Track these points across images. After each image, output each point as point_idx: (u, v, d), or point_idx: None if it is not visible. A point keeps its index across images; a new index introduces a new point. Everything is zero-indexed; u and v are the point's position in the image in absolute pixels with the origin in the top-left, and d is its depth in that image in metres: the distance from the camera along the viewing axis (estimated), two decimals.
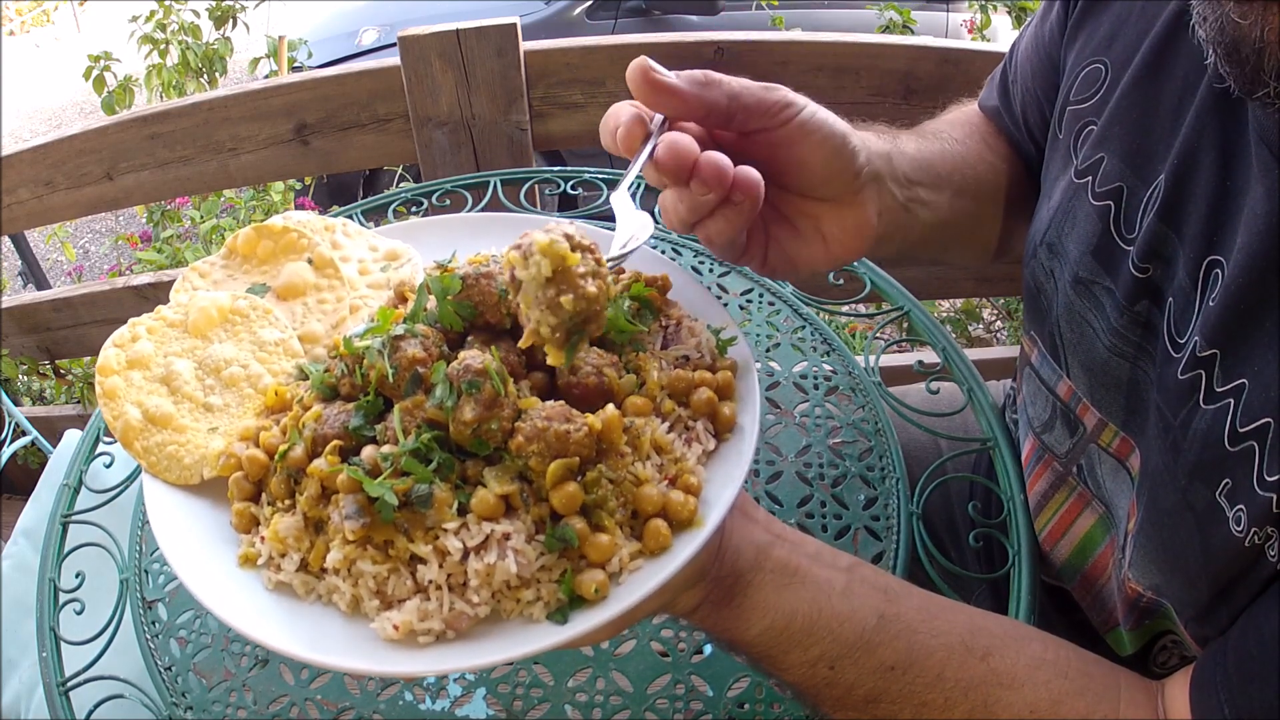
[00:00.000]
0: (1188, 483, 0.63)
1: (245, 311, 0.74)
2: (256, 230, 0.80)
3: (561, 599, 0.53)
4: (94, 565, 0.93)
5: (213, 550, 0.60)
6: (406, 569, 0.54)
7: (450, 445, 0.55)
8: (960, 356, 1.02)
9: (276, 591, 0.57)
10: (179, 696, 0.81)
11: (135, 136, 1.83)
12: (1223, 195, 0.63)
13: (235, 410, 0.69)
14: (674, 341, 0.65)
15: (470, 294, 0.59)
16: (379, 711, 0.78)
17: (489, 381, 0.54)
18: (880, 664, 0.63)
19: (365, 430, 0.57)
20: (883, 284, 1.10)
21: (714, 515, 0.56)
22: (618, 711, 0.76)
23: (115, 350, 0.71)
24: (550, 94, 1.72)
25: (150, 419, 0.67)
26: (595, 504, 0.54)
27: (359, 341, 0.60)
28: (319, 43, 3.74)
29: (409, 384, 0.56)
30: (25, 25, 9.74)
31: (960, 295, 2.77)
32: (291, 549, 0.57)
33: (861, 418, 0.96)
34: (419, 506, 0.53)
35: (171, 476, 0.65)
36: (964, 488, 1.02)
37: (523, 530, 0.53)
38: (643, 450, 0.57)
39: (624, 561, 0.54)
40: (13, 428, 2.26)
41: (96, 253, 5.16)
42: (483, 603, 0.53)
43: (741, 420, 0.61)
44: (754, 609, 0.62)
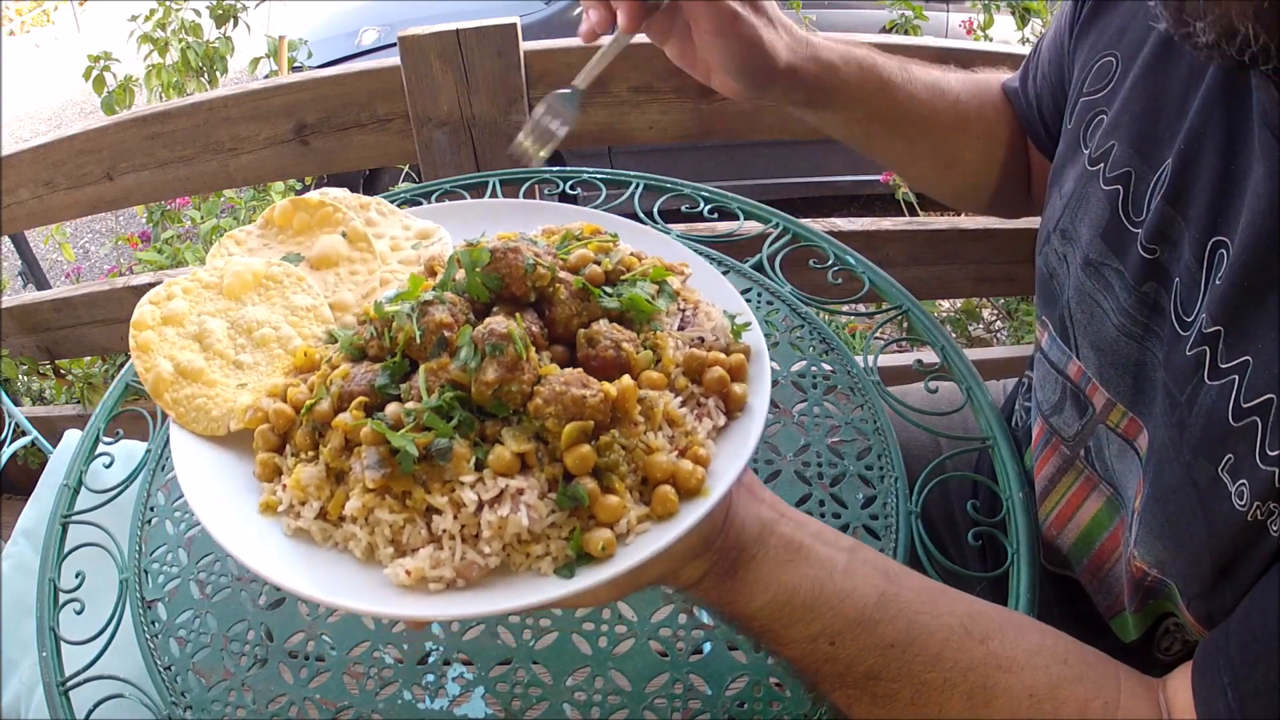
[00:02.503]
0: (1192, 458, 0.64)
1: (279, 277, 0.77)
2: (293, 203, 0.83)
3: (569, 555, 0.56)
4: (94, 565, 0.93)
5: (235, 498, 0.62)
6: (422, 519, 0.56)
7: (471, 405, 0.58)
8: (959, 356, 1.02)
9: (294, 538, 0.59)
10: (178, 696, 0.81)
11: (135, 136, 1.83)
12: (1227, 178, 0.65)
13: (264, 369, 0.71)
14: (691, 324, 0.68)
15: (498, 267, 0.62)
16: (378, 711, 0.78)
17: (512, 345, 0.57)
18: (880, 641, 0.63)
19: (390, 389, 0.60)
20: (881, 283, 1.10)
21: (720, 486, 0.58)
22: (616, 710, 0.76)
23: (150, 307, 0.74)
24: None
25: (181, 372, 0.70)
26: (607, 467, 0.57)
27: (389, 306, 0.63)
28: (319, 43, 3.74)
29: (435, 346, 0.59)
30: (25, 25, 9.73)
31: (960, 295, 2.77)
32: (312, 497, 0.59)
33: (860, 417, 0.96)
34: (438, 460, 0.55)
35: (199, 428, 0.68)
36: (964, 486, 1.02)
37: (536, 487, 0.56)
38: (655, 421, 0.60)
39: (631, 524, 0.57)
40: (13, 428, 2.26)
41: (96, 253, 5.16)
42: (493, 554, 0.55)
43: (752, 401, 0.64)
44: (757, 582, 0.63)
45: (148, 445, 1.03)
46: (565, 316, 0.63)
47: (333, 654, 0.82)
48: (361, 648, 0.82)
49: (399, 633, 0.83)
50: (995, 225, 2.03)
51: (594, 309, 0.64)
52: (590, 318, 0.64)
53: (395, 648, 0.82)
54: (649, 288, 0.66)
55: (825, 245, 1.15)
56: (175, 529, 0.94)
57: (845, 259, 1.13)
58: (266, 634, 0.84)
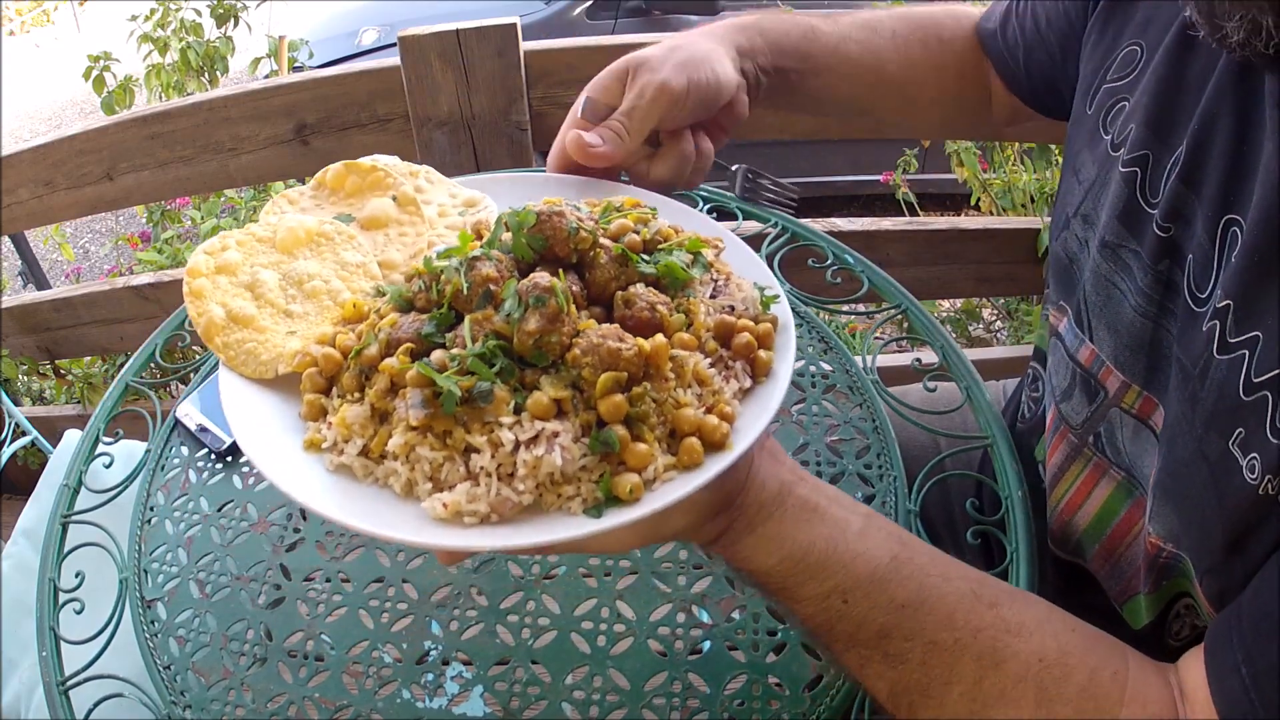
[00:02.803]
0: (1203, 432, 0.65)
1: (330, 234, 0.80)
2: (346, 166, 0.86)
3: (598, 497, 0.59)
4: (93, 565, 0.94)
5: (280, 435, 0.65)
6: (460, 458, 0.59)
7: (512, 354, 0.61)
8: (958, 355, 1.02)
9: (336, 473, 0.63)
10: (178, 695, 0.81)
11: (135, 136, 1.83)
12: (1239, 157, 0.67)
13: (314, 318, 0.74)
14: (722, 293, 0.71)
15: (543, 228, 0.65)
16: (376, 710, 0.78)
17: (554, 298, 0.60)
18: (892, 600, 0.64)
19: (436, 337, 0.63)
20: (880, 283, 1.10)
21: (743, 441, 0.61)
22: (615, 709, 0.76)
23: (205, 257, 0.77)
24: (550, 94, 1.72)
25: (233, 318, 0.73)
26: (638, 417, 0.60)
27: (437, 261, 0.67)
28: (319, 43, 3.74)
29: (480, 299, 0.63)
30: (25, 25, 9.74)
31: (960, 295, 2.77)
32: (356, 435, 0.62)
33: (859, 416, 0.96)
34: (480, 402, 0.58)
35: (247, 371, 0.71)
36: (963, 485, 1.02)
37: (570, 431, 0.59)
38: (685, 378, 0.63)
39: (658, 471, 0.60)
40: (13, 428, 2.26)
41: (96, 253, 5.16)
42: (527, 491, 0.58)
43: (777, 367, 0.67)
44: (773, 539, 0.65)
45: (147, 445, 1.03)
46: (604, 279, 0.66)
47: (332, 653, 0.82)
48: (360, 647, 0.82)
49: (398, 632, 0.83)
50: (995, 225, 2.03)
51: (631, 274, 0.67)
52: (628, 282, 0.67)
53: (394, 647, 0.82)
54: (685, 257, 0.69)
55: (824, 245, 1.15)
56: (175, 529, 0.94)
57: (844, 258, 1.13)
58: (266, 633, 0.84)
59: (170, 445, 1.03)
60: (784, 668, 0.79)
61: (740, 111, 0.95)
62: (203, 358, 1.12)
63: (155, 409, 1.06)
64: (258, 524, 0.93)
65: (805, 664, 0.79)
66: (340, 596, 0.86)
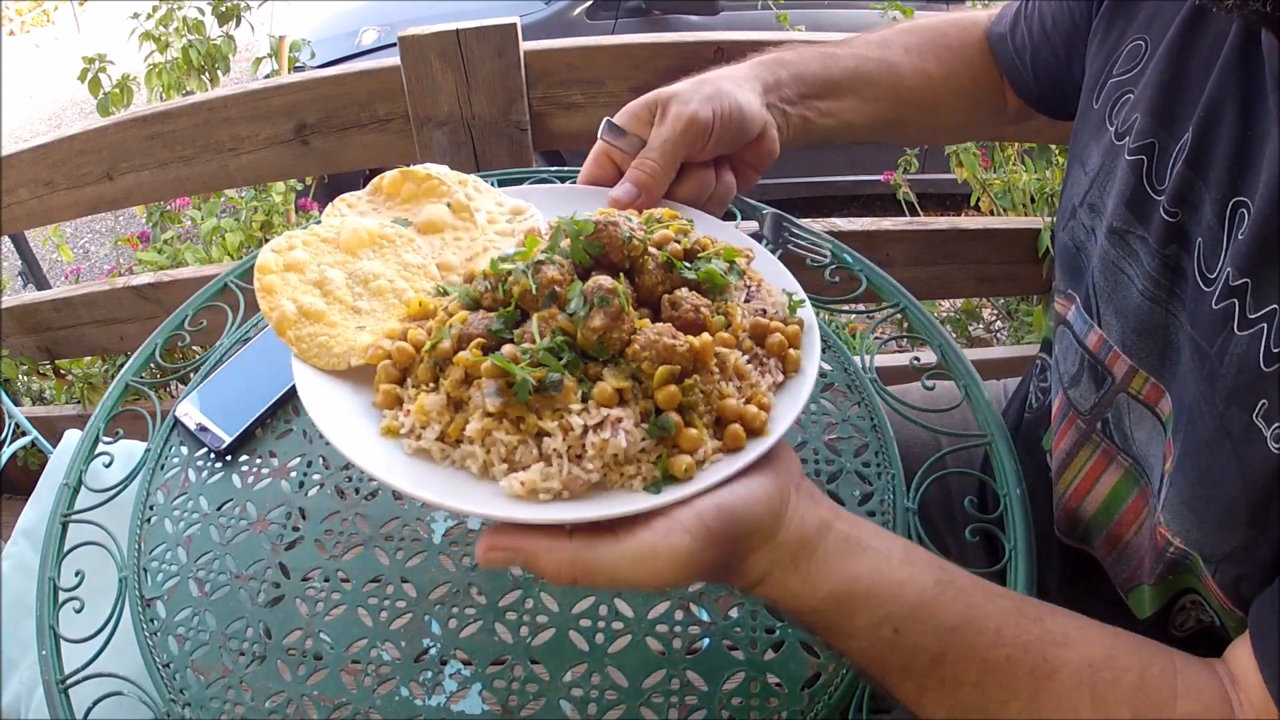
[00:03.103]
0: (1225, 408, 0.67)
1: (392, 237, 0.85)
2: (402, 173, 0.91)
3: (656, 475, 0.65)
4: (93, 564, 0.94)
5: (357, 422, 0.71)
6: (533, 441, 0.65)
7: (576, 349, 0.68)
8: (956, 354, 1.02)
9: (414, 456, 0.68)
10: (177, 693, 0.82)
11: (135, 136, 1.83)
12: (1244, 142, 0.70)
13: (381, 315, 0.79)
14: (755, 299, 0.79)
15: (599, 236, 0.72)
16: (375, 708, 0.78)
17: (616, 298, 0.67)
18: (941, 624, 0.65)
19: (504, 333, 0.69)
20: (879, 282, 1.10)
21: (779, 427, 0.68)
22: (613, 707, 0.77)
23: (274, 255, 0.81)
24: (550, 94, 1.72)
25: (304, 313, 0.77)
26: (689, 405, 0.67)
27: (504, 263, 0.73)
28: (319, 43, 3.74)
29: (546, 299, 0.69)
30: (25, 25, 9.74)
31: (960, 295, 2.77)
32: (434, 421, 0.68)
33: (858, 414, 0.96)
34: (551, 390, 0.65)
35: (320, 363, 0.75)
36: (963, 484, 1.03)
37: (632, 417, 0.66)
38: (727, 372, 0.70)
39: (708, 453, 0.66)
40: (13, 428, 2.27)
41: (96, 253, 5.16)
42: (594, 470, 0.64)
43: (805, 364, 0.74)
44: (819, 574, 0.65)
45: (147, 445, 1.03)
46: (652, 284, 0.73)
47: (331, 651, 0.82)
48: (359, 645, 0.83)
49: (396, 631, 0.83)
50: (995, 225, 2.03)
51: (676, 279, 0.74)
52: (673, 286, 0.74)
53: (393, 645, 0.82)
54: (722, 264, 0.76)
55: (823, 243, 1.15)
56: (174, 528, 0.94)
57: (843, 257, 1.14)
58: (265, 632, 0.85)
59: (170, 445, 1.03)
60: (782, 666, 0.79)
61: (770, 148, 0.97)
62: (202, 357, 1.12)
63: (155, 409, 1.06)
64: (257, 523, 0.93)
65: (803, 662, 0.80)
66: (339, 595, 0.86)
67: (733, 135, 0.92)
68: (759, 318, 0.75)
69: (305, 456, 0.98)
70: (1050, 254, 1.95)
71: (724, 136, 0.91)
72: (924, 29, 1.14)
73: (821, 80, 1.04)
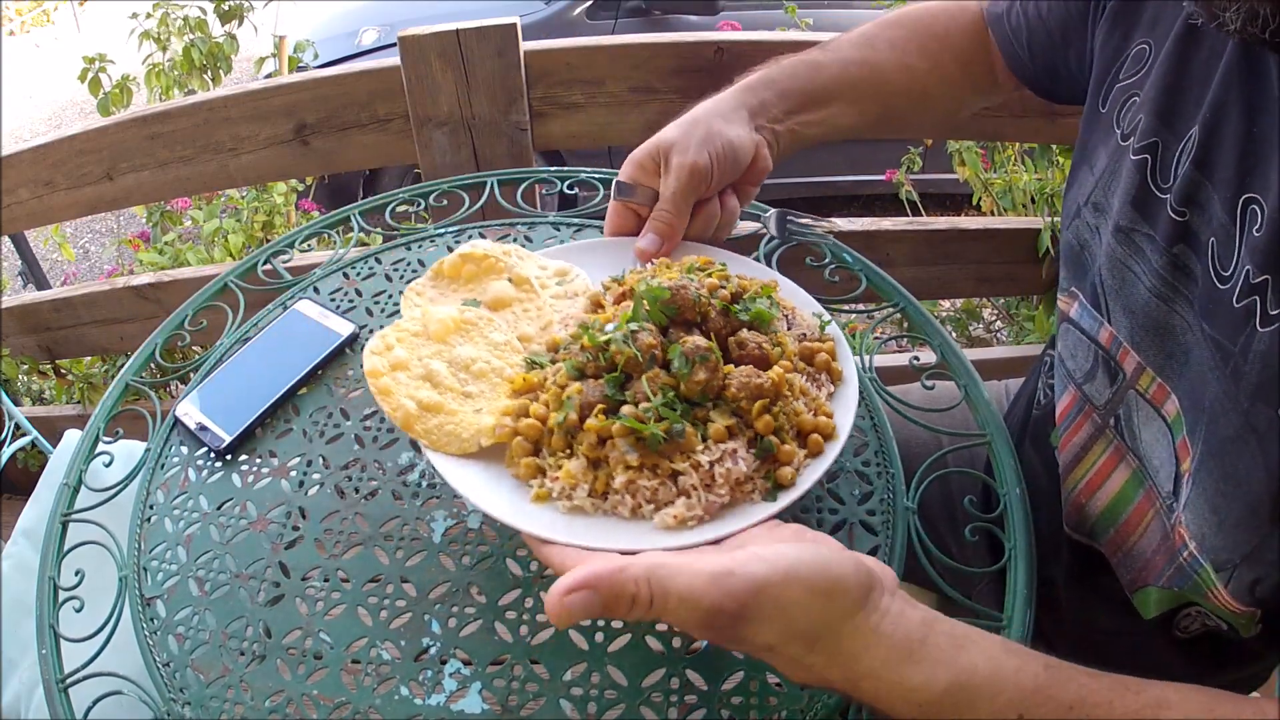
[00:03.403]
0: (1249, 405, 0.68)
1: (474, 320, 0.93)
2: (461, 257, 1.00)
3: (768, 486, 0.78)
4: (93, 563, 0.94)
5: (505, 496, 0.79)
6: (670, 481, 0.77)
7: (683, 399, 0.80)
8: (956, 353, 1.02)
9: (570, 514, 0.78)
10: (177, 693, 0.82)
11: (135, 136, 1.83)
12: (1251, 140, 0.72)
13: (490, 395, 0.87)
14: (794, 325, 0.91)
15: (675, 300, 0.84)
16: (375, 707, 0.78)
17: (713, 354, 0.80)
18: (1060, 703, 0.65)
19: (618, 396, 0.80)
20: (879, 281, 1.10)
21: (844, 427, 0.82)
22: (613, 706, 0.77)
23: (377, 358, 0.88)
24: (550, 94, 1.73)
25: (424, 407, 0.85)
26: (779, 428, 0.80)
27: (604, 335, 0.83)
28: (319, 43, 3.73)
29: (648, 361, 0.81)
30: (25, 25, 9.73)
31: (960, 295, 2.77)
32: (580, 481, 0.78)
33: (858, 413, 0.96)
34: (676, 438, 0.77)
35: (453, 449, 0.82)
36: (965, 483, 1.03)
37: (741, 446, 0.78)
38: (796, 393, 0.83)
39: (800, 461, 0.80)
40: (13, 428, 2.27)
41: (96, 253, 5.16)
42: (725, 493, 0.77)
43: (846, 372, 0.88)
44: (935, 662, 0.64)
45: (147, 444, 1.03)
46: (717, 328, 0.85)
47: (330, 651, 0.82)
48: (359, 644, 0.83)
49: (396, 630, 0.83)
50: (995, 225, 2.03)
51: (734, 322, 0.86)
52: (733, 329, 0.86)
53: (393, 644, 0.82)
54: (764, 303, 0.88)
55: (822, 244, 1.15)
56: (174, 527, 0.94)
57: (843, 257, 1.14)
58: (265, 631, 0.85)
59: (170, 444, 1.03)
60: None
61: (763, 166, 1.04)
62: (202, 357, 1.12)
63: (155, 408, 1.06)
64: (257, 522, 0.93)
65: None
66: (339, 594, 0.86)
67: (729, 170, 1.00)
68: (803, 342, 0.89)
69: (305, 456, 0.98)
70: (1050, 254, 1.95)
71: (723, 175, 0.99)
72: (909, 20, 1.16)
73: (806, 93, 1.08)
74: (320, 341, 1.09)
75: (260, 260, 1.26)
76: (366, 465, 0.96)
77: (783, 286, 0.96)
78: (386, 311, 1.13)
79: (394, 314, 1.13)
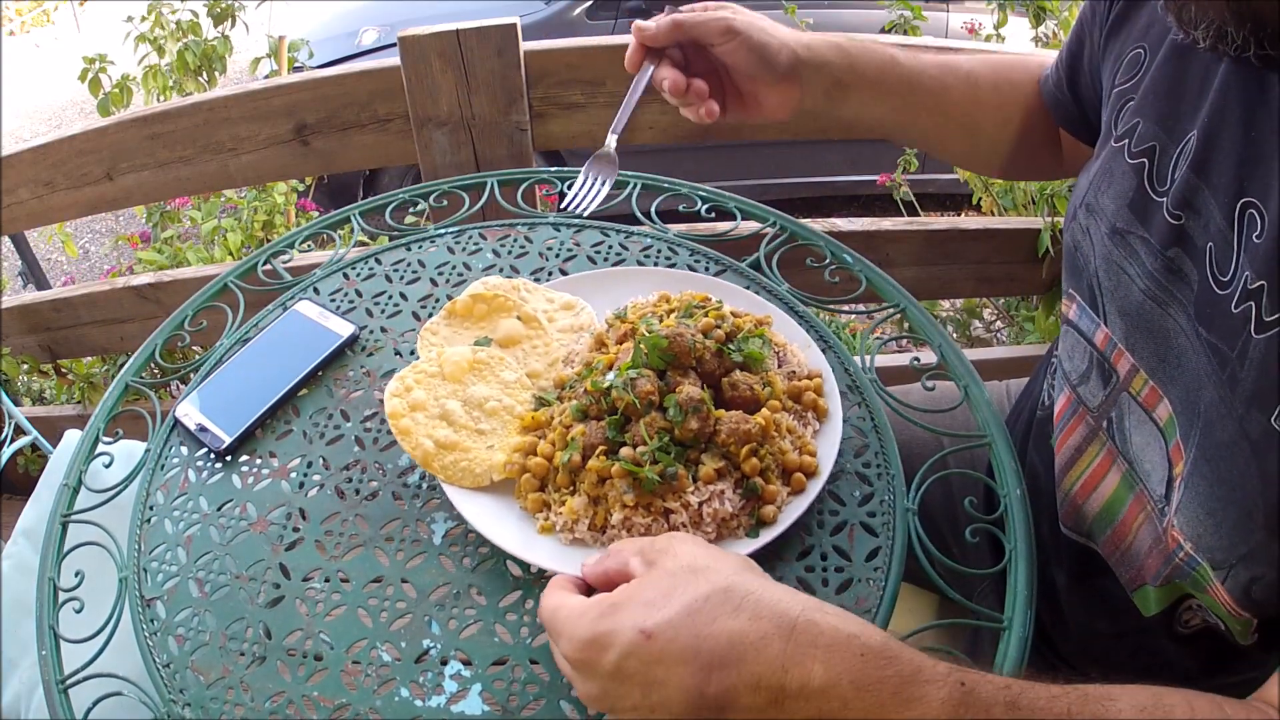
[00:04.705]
0: (1244, 412, 0.67)
1: (486, 360, 0.99)
2: (472, 297, 1.07)
3: (752, 523, 0.85)
4: (93, 564, 0.94)
5: (513, 527, 0.87)
6: (662, 518, 0.84)
7: (677, 442, 0.87)
8: (956, 354, 1.02)
9: (571, 546, 0.85)
10: (177, 694, 0.82)
11: (135, 136, 1.83)
12: (1249, 146, 0.72)
13: (501, 432, 0.94)
14: (785, 362, 0.97)
15: (672, 347, 0.90)
16: (375, 708, 0.78)
17: (705, 405, 0.87)
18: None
19: (618, 438, 0.87)
20: (879, 282, 1.10)
21: (826, 465, 0.88)
22: None
23: (398, 400, 0.95)
24: (550, 94, 1.72)
25: (441, 446, 0.92)
26: (765, 468, 0.86)
27: (605, 382, 0.90)
28: (319, 43, 3.74)
29: (645, 407, 0.87)
30: (25, 25, 9.72)
31: (960, 295, 2.77)
32: (582, 517, 0.85)
33: (857, 415, 0.96)
34: (669, 480, 0.84)
35: (466, 483, 0.90)
36: (966, 484, 1.03)
37: (729, 487, 0.85)
38: (783, 433, 0.89)
39: (783, 499, 0.86)
40: (13, 428, 2.26)
41: (96, 253, 5.16)
42: (712, 531, 0.84)
43: (831, 409, 0.94)
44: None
45: (147, 445, 1.03)
46: (711, 370, 0.91)
47: (331, 652, 0.82)
48: (359, 646, 0.83)
49: (396, 631, 0.83)
50: (995, 225, 2.03)
51: (727, 363, 0.92)
52: (726, 370, 0.92)
53: (393, 646, 0.82)
54: (757, 342, 0.94)
55: (822, 244, 1.15)
56: (174, 528, 0.94)
57: (843, 257, 1.14)
58: (265, 632, 0.85)
59: (170, 445, 1.03)
60: None
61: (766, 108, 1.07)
62: (202, 358, 1.12)
63: (155, 409, 1.06)
64: (257, 523, 0.93)
65: None
66: (339, 595, 0.86)
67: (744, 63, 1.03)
68: (792, 381, 0.94)
69: (305, 457, 0.98)
70: (1050, 254, 1.95)
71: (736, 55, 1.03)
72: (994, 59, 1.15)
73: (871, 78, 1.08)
74: (320, 342, 1.08)
75: (260, 260, 1.26)
76: (367, 467, 0.96)
77: (776, 320, 1.02)
78: (387, 312, 1.13)
79: (394, 315, 1.13)
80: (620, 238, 1.20)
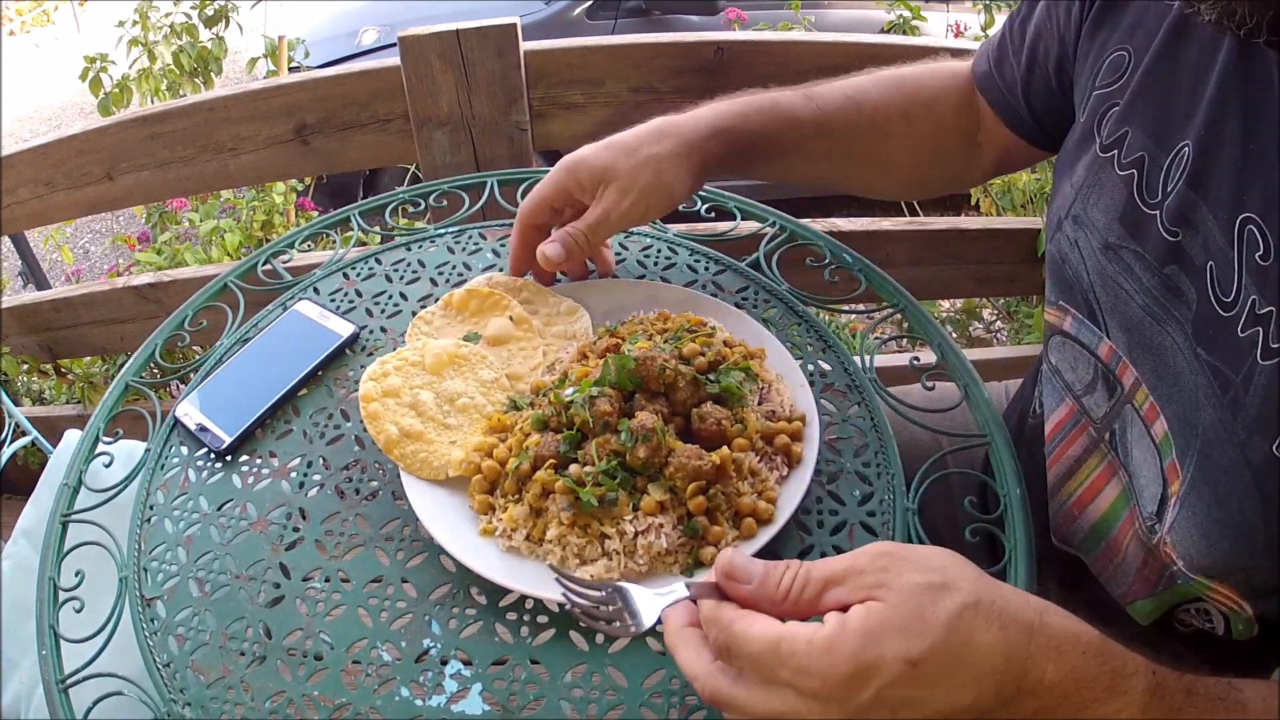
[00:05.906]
0: (1246, 437, 0.67)
1: (468, 356, 0.99)
2: (468, 292, 1.07)
3: (689, 562, 0.83)
4: (93, 564, 0.94)
5: (458, 525, 0.87)
6: (598, 541, 0.83)
7: (626, 467, 0.85)
8: (956, 353, 1.02)
9: (506, 553, 0.85)
10: (177, 693, 0.82)
11: (135, 136, 1.83)
12: (1248, 156, 0.69)
13: (467, 429, 0.94)
14: (766, 400, 0.94)
15: (640, 370, 0.88)
16: (375, 708, 0.78)
17: (655, 435, 0.84)
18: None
19: (570, 453, 0.87)
20: (879, 282, 1.10)
21: (783, 514, 0.85)
22: (613, 707, 0.76)
23: (372, 383, 0.96)
24: (550, 94, 1.72)
25: (405, 434, 0.92)
26: (713, 508, 0.84)
27: (566, 396, 0.89)
28: (319, 42, 3.74)
29: (600, 427, 0.86)
30: (25, 25, 9.72)
31: (960, 295, 2.77)
32: (521, 526, 0.85)
33: (857, 414, 0.96)
34: (609, 505, 0.83)
35: (424, 474, 0.90)
36: (966, 484, 1.03)
37: (670, 522, 0.83)
38: (742, 473, 0.86)
39: (729, 542, 0.83)
40: (13, 428, 2.26)
41: (96, 253, 5.16)
42: (644, 564, 0.82)
43: (806, 455, 0.89)
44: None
45: (147, 445, 1.03)
46: (683, 399, 0.89)
47: (331, 652, 0.82)
48: (360, 645, 0.83)
49: (397, 631, 0.83)
50: (996, 225, 2.03)
51: (702, 393, 0.90)
52: (699, 400, 0.90)
53: (393, 645, 0.82)
54: (738, 375, 0.92)
55: (821, 244, 1.15)
56: (174, 527, 0.94)
57: (842, 257, 1.14)
58: (265, 632, 0.85)
59: (170, 445, 1.03)
60: None
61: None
62: (202, 357, 1.12)
63: (155, 409, 1.06)
64: (257, 523, 0.93)
65: None
66: (339, 595, 0.86)
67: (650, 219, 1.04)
68: (769, 421, 0.91)
69: (305, 457, 0.98)
70: None
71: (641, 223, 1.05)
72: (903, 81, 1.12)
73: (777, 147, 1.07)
74: (320, 342, 1.08)
75: (260, 260, 1.26)
76: (367, 467, 0.96)
77: (772, 355, 0.99)
78: (387, 312, 1.13)
79: (394, 315, 1.13)
80: (619, 237, 1.20)
